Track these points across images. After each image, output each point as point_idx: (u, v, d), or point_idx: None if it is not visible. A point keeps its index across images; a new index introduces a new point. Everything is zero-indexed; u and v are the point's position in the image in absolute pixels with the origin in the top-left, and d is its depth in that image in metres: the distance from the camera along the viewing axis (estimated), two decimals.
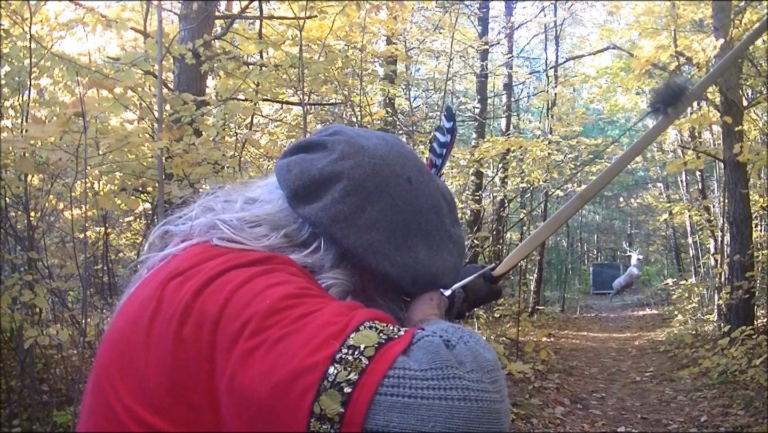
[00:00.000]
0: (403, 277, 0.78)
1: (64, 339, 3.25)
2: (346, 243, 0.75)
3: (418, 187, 0.81)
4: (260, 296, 0.65)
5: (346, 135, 0.82)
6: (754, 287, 7.34)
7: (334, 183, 0.77)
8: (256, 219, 0.79)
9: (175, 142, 3.40)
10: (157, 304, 0.69)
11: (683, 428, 5.04)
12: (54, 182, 4.30)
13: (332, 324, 0.62)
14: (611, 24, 13.15)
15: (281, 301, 0.64)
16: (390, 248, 0.77)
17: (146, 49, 4.22)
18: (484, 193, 10.97)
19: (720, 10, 7.36)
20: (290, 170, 0.80)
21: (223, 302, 0.65)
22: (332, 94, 6.84)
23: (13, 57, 4.29)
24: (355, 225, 0.76)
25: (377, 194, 0.77)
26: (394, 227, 0.77)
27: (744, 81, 8.55)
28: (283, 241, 0.78)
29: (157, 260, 0.80)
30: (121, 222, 6.26)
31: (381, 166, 0.79)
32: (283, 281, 0.68)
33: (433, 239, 0.81)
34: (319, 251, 0.77)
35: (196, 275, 0.70)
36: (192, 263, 0.72)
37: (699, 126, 9.92)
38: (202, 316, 0.65)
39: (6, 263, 4.24)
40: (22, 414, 3.59)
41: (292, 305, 0.64)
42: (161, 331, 0.66)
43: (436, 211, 0.82)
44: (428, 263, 0.80)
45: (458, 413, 0.57)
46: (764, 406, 5.07)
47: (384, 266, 0.76)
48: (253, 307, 0.63)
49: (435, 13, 10.39)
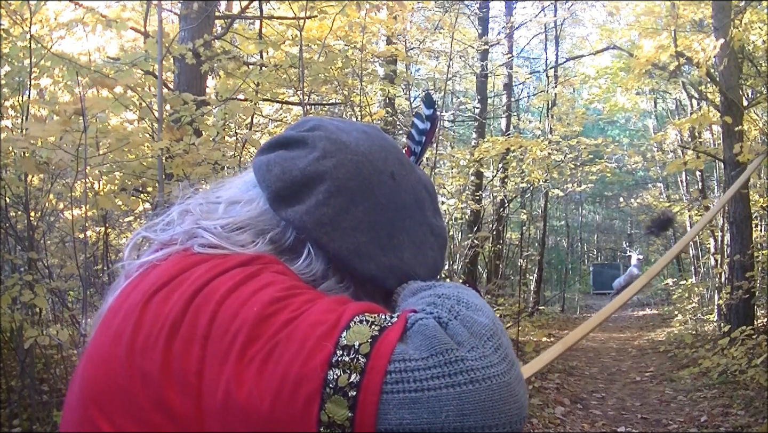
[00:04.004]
0: (388, 278, 0.76)
1: (64, 339, 3.24)
2: (331, 247, 0.73)
3: (401, 183, 0.79)
4: (248, 303, 0.62)
5: (327, 130, 0.79)
6: (754, 287, 7.34)
7: (317, 184, 0.74)
8: (239, 224, 0.76)
9: (175, 142, 3.40)
10: (140, 317, 0.66)
11: (683, 428, 5.04)
12: (54, 182, 4.30)
13: (322, 323, 0.60)
14: (611, 24, 13.15)
15: (269, 306, 0.62)
16: (375, 250, 0.75)
17: (146, 49, 4.22)
18: (484, 193, 10.97)
19: (720, 10, 7.36)
20: (270, 170, 0.76)
21: (211, 315, 0.62)
22: (332, 94, 6.84)
23: (13, 57, 4.29)
24: (340, 228, 0.73)
25: (361, 194, 0.75)
26: (378, 227, 0.76)
27: (744, 81, 8.55)
28: (270, 248, 0.75)
29: (133, 267, 0.76)
30: (121, 222, 6.25)
31: (364, 163, 0.76)
32: (268, 282, 0.66)
33: (416, 235, 0.80)
34: (309, 258, 0.75)
35: (181, 285, 0.67)
36: (175, 272, 0.69)
37: (699, 126, 9.91)
38: (192, 330, 0.62)
39: (6, 263, 4.24)
40: (22, 414, 3.59)
41: (281, 309, 0.61)
42: (146, 345, 0.64)
43: (419, 205, 0.81)
44: (412, 263, 0.78)
45: (469, 399, 0.55)
46: (764, 406, 5.07)
47: (369, 269, 0.74)
48: (242, 316, 0.61)
49: (435, 13, 10.39)
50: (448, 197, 9.91)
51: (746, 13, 7.71)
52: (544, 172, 10.32)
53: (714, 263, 10.52)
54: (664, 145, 14.30)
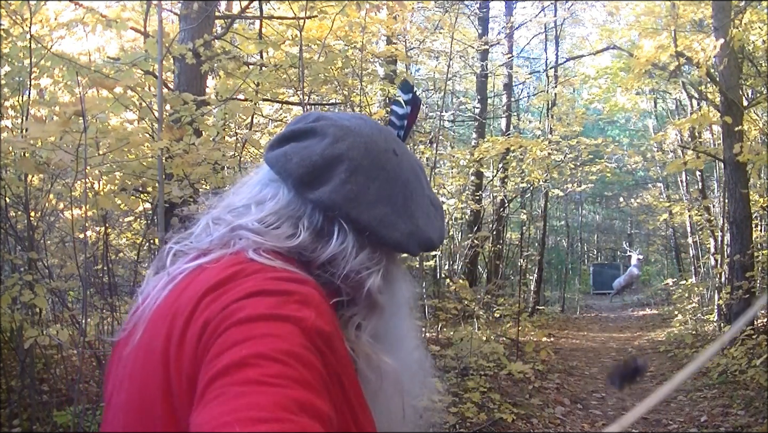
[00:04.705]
0: (411, 244, 0.83)
1: (64, 339, 3.24)
2: (362, 219, 0.79)
3: (402, 159, 0.86)
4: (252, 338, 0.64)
5: (330, 119, 0.85)
6: (754, 287, 7.34)
7: (336, 165, 0.80)
8: (274, 217, 0.81)
9: (175, 142, 3.40)
10: (189, 316, 0.70)
11: (683, 428, 5.04)
12: (54, 182, 4.30)
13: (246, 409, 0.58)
14: (611, 24, 13.15)
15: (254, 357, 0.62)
16: (396, 219, 0.82)
17: (146, 49, 4.22)
18: (484, 193, 10.97)
19: (720, 10, 7.36)
20: (290, 159, 0.81)
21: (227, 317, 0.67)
22: (332, 94, 6.84)
23: (13, 57, 4.28)
24: (365, 201, 0.80)
25: (375, 170, 0.82)
26: (394, 199, 0.83)
27: (744, 81, 8.55)
28: (309, 236, 0.79)
29: (177, 270, 0.80)
30: (121, 222, 6.25)
31: (370, 144, 0.83)
32: (285, 333, 0.65)
33: (421, 205, 0.87)
34: (342, 234, 0.79)
35: (226, 293, 0.70)
36: (224, 277, 0.72)
37: (699, 126, 9.91)
38: (204, 325, 0.67)
39: (6, 263, 4.24)
40: (22, 414, 3.59)
41: (255, 364, 0.61)
42: (190, 342, 0.68)
43: (417, 179, 0.88)
44: (426, 228, 0.85)
45: None
46: (764, 406, 5.07)
47: (395, 236, 0.81)
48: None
49: (435, 13, 10.39)
50: (448, 197, 9.91)
51: (746, 13, 7.71)
52: (544, 172, 10.32)
53: (714, 263, 10.51)
54: (664, 145, 14.30)
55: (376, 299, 0.81)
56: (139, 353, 0.74)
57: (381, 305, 0.82)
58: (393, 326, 0.86)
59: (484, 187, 10.78)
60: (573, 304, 16.26)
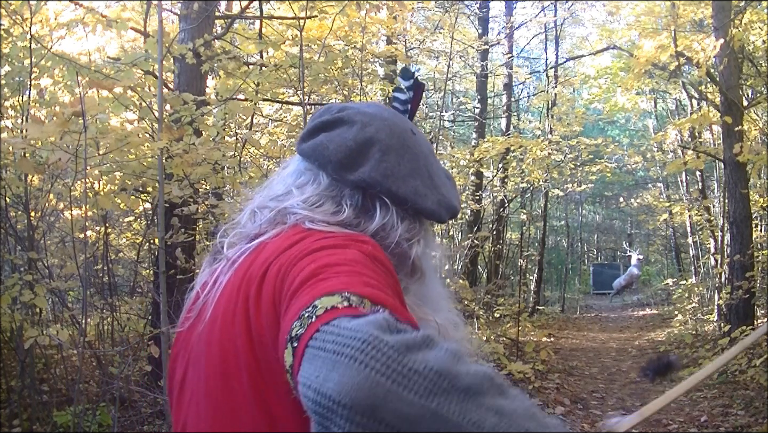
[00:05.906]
0: (440, 211, 0.91)
1: (64, 339, 3.24)
2: (401, 192, 0.87)
3: (419, 137, 0.95)
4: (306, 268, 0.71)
5: (353, 108, 0.93)
6: (754, 287, 7.33)
7: (370, 147, 0.87)
8: (316, 197, 0.88)
9: (175, 142, 3.40)
10: (262, 276, 0.76)
11: (683, 428, 5.04)
12: (54, 182, 4.30)
13: (329, 288, 0.65)
14: (611, 24, 13.13)
15: (317, 270, 0.70)
16: (426, 190, 0.90)
17: (146, 49, 4.22)
18: (484, 193, 10.96)
19: (720, 10, 7.35)
20: (326, 147, 0.88)
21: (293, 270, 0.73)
22: (332, 94, 6.84)
23: (13, 57, 4.28)
24: (401, 176, 0.88)
25: (402, 149, 0.90)
26: (421, 172, 0.91)
27: (744, 81, 8.54)
28: (352, 212, 0.86)
29: (236, 253, 0.86)
30: (121, 222, 6.25)
31: (392, 126, 0.91)
32: (348, 253, 0.74)
33: (440, 177, 0.95)
34: (384, 209, 0.87)
35: (298, 247, 0.77)
36: (287, 245, 0.79)
37: (699, 126, 9.91)
38: (277, 272, 0.75)
39: (6, 263, 4.24)
40: (22, 414, 3.59)
41: (323, 272, 0.69)
42: (267, 290, 0.74)
43: (432, 155, 0.97)
44: (450, 196, 0.94)
45: (338, 368, 0.53)
46: (764, 406, 5.07)
47: (428, 205, 0.89)
48: (299, 277, 0.70)
49: (435, 13, 10.38)
50: None
51: (746, 13, 7.71)
52: (544, 172, 10.32)
53: (714, 263, 10.51)
54: (664, 145, 14.29)
55: (420, 265, 0.89)
56: (214, 325, 0.78)
57: (424, 271, 0.90)
58: (431, 288, 0.93)
59: (484, 187, 10.77)
60: (573, 304, 16.25)
